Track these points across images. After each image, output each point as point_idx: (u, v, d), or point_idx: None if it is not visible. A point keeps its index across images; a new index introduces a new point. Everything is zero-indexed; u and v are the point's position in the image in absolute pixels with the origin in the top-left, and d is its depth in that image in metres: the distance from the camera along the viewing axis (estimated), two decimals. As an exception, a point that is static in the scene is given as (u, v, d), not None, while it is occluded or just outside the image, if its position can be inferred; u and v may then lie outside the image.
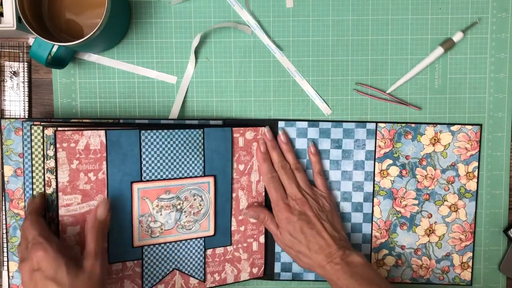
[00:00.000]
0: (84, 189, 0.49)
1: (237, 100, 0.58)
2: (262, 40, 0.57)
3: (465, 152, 0.57)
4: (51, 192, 0.49)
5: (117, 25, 0.54)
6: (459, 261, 0.58)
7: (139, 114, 0.57)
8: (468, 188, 0.58)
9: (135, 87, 0.57)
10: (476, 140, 0.57)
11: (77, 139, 0.48)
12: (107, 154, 0.49)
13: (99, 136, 0.49)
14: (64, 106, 0.57)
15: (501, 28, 0.57)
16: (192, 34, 0.57)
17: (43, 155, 0.51)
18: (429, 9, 0.57)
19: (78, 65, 0.57)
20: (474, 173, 0.58)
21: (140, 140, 0.51)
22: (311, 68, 0.57)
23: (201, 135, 0.53)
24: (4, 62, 0.57)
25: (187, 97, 0.58)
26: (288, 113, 0.58)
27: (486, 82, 0.58)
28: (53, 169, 0.48)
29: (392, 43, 0.57)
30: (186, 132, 0.52)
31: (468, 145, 0.57)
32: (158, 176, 0.52)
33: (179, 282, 0.54)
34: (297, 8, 0.57)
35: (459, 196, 0.58)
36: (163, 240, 0.53)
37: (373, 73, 0.57)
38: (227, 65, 0.57)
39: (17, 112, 0.57)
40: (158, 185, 0.52)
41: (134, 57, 0.57)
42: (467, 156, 0.58)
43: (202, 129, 0.53)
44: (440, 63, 0.58)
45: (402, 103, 0.57)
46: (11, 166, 0.54)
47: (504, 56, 0.57)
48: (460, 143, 0.57)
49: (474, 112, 0.58)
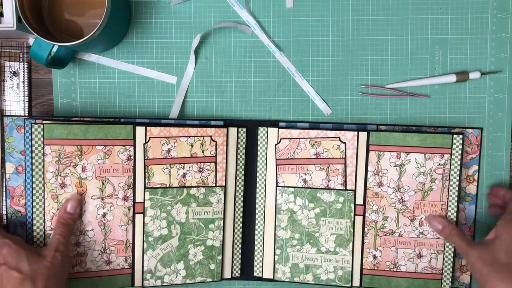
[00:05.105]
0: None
1: (237, 100, 0.58)
2: (262, 40, 0.57)
3: (465, 155, 0.57)
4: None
5: (117, 25, 0.54)
6: (458, 264, 0.58)
7: (139, 114, 0.57)
8: (468, 191, 0.57)
9: (135, 87, 0.57)
10: (476, 143, 0.57)
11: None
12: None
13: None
14: (64, 106, 0.57)
15: (501, 28, 0.57)
16: (192, 34, 0.57)
17: (43, 154, 0.52)
18: (429, 9, 0.57)
19: (78, 65, 0.57)
20: (474, 176, 0.57)
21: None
22: (311, 68, 0.57)
23: None
24: (4, 62, 0.57)
25: (187, 97, 0.58)
26: (288, 113, 0.58)
27: (486, 82, 0.58)
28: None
29: (392, 43, 0.57)
30: None
31: (468, 148, 0.57)
32: None
33: None
34: (297, 8, 0.57)
35: (459, 200, 0.57)
36: None
37: (373, 73, 0.57)
38: (227, 65, 0.57)
39: (17, 112, 0.57)
40: None
41: (134, 57, 0.57)
42: (467, 160, 0.57)
43: None
44: (440, 63, 0.58)
45: (410, 95, 0.57)
46: (12, 164, 0.54)
47: (504, 56, 0.57)
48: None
49: (474, 112, 0.58)
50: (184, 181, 0.55)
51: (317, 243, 0.57)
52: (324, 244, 0.57)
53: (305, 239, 0.57)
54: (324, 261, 0.57)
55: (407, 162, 0.55)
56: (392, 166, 0.56)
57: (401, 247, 0.57)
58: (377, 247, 0.57)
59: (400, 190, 0.56)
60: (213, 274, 0.57)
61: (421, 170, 0.55)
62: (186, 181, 0.55)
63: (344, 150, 0.56)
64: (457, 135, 0.55)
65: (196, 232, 0.56)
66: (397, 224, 0.56)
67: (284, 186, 0.56)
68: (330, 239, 0.57)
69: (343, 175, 0.56)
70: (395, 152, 0.55)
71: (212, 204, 0.56)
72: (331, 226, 0.57)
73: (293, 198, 0.57)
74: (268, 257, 0.58)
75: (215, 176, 0.56)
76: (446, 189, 0.56)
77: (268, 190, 0.57)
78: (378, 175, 0.56)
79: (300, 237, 0.57)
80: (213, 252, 0.57)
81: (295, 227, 0.57)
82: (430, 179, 0.56)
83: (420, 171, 0.56)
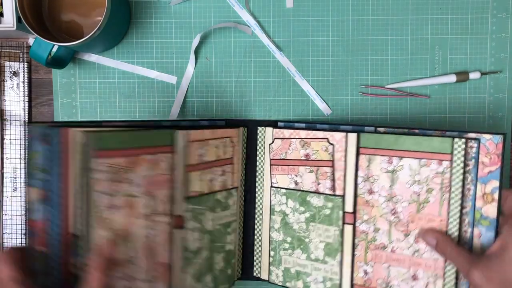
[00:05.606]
0: None
1: (237, 100, 0.58)
2: (262, 40, 0.57)
3: (481, 167, 0.45)
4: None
5: (117, 25, 0.54)
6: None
7: (139, 114, 0.57)
8: (486, 214, 0.45)
9: (135, 87, 0.57)
10: (497, 153, 0.44)
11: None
12: None
13: None
14: (64, 106, 0.57)
15: (501, 28, 0.57)
16: (192, 34, 0.57)
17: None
18: (429, 9, 0.57)
19: (78, 65, 0.57)
20: (493, 195, 0.45)
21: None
22: (311, 68, 0.57)
23: None
24: (4, 62, 0.57)
25: (187, 97, 0.58)
26: (288, 113, 0.58)
27: (486, 82, 0.58)
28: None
29: (392, 43, 0.57)
30: None
31: (485, 158, 0.45)
32: None
33: None
34: (297, 8, 0.57)
35: (473, 223, 0.46)
36: None
37: (373, 73, 0.57)
38: (227, 65, 0.57)
39: (17, 112, 0.57)
40: None
41: (134, 57, 0.57)
42: (484, 173, 0.45)
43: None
44: (440, 63, 0.58)
45: (410, 95, 0.57)
46: (37, 188, 0.40)
47: (504, 56, 0.58)
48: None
49: (474, 112, 0.58)
50: (211, 186, 0.52)
51: (307, 249, 0.53)
52: (313, 251, 0.53)
53: (296, 244, 0.54)
54: (313, 269, 0.53)
55: (399, 168, 0.48)
56: (383, 172, 0.48)
57: (394, 265, 0.49)
58: (368, 261, 0.50)
59: (392, 200, 0.48)
60: (230, 279, 0.54)
61: (415, 178, 0.47)
62: (213, 186, 0.52)
63: (332, 152, 0.51)
64: (459, 138, 0.45)
65: (219, 239, 0.53)
66: (389, 238, 0.49)
67: (277, 187, 0.54)
68: (320, 247, 0.52)
69: (332, 179, 0.51)
70: (386, 157, 0.48)
71: (230, 207, 0.54)
72: (320, 233, 0.52)
73: (285, 199, 0.54)
74: (264, 258, 0.57)
75: (232, 178, 0.54)
76: (446, 202, 0.46)
77: (265, 191, 0.56)
78: (369, 181, 0.49)
79: (292, 241, 0.54)
80: (230, 257, 0.54)
81: (287, 230, 0.54)
82: (426, 189, 0.47)
83: (415, 179, 0.47)
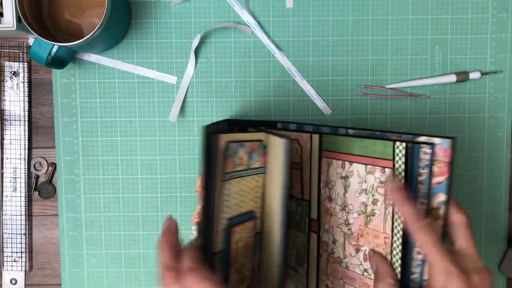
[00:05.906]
0: None
1: (237, 100, 0.58)
2: (262, 40, 0.57)
3: (432, 177, 0.38)
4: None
5: (117, 25, 0.54)
6: None
7: (139, 114, 0.57)
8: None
9: (135, 87, 0.57)
10: (445, 160, 0.37)
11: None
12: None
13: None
14: (64, 106, 0.57)
15: (501, 28, 0.57)
16: (192, 34, 0.57)
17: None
18: (429, 9, 0.57)
19: (78, 65, 0.57)
20: (439, 211, 0.37)
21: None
22: (311, 68, 0.57)
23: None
24: (4, 62, 0.57)
25: (187, 97, 0.58)
26: (288, 113, 0.58)
27: (486, 82, 0.58)
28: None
29: (392, 43, 0.57)
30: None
31: (435, 167, 0.37)
32: None
33: None
34: (297, 8, 0.57)
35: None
36: None
37: (373, 73, 0.57)
38: (227, 65, 0.57)
39: (17, 112, 0.57)
40: None
41: (134, 57, 0.57)
42: (432, 185, 0.38)
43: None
44: (440, 63, 0.58)
45: (410, 95, 0.57)
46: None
47: (504, 56, 0.57)
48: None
49: (474, 112, 0.58)
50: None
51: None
52: (288, 257, 0.49)
53: None
54: (289, 276, 0.49)
55: (350, 174, 0.42)
56: (338, 178, 0.43)
57: (348, 283, 0.44)
58: (329, 276, 0.46)
59: (345, 209, 0.43)
60: None
61: (363, 187, 0.41)
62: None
63: (301, 154, 0.47)
64: (400, 142, 0.38)
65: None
66: (344, 252, 0.44)
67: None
68: (293, 253, 0.49)
69: (301, 183, 0.47)
70: (340, 161, 0.43)
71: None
72: (293, 239, 0.49)
73: None
74: None
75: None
76: (390, 217, 0.39)
77: None
78: (328, 187, 0.45)
79: None
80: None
81: None
82: (372, 199, 0.40)
83: (362, 188, 0.41)
